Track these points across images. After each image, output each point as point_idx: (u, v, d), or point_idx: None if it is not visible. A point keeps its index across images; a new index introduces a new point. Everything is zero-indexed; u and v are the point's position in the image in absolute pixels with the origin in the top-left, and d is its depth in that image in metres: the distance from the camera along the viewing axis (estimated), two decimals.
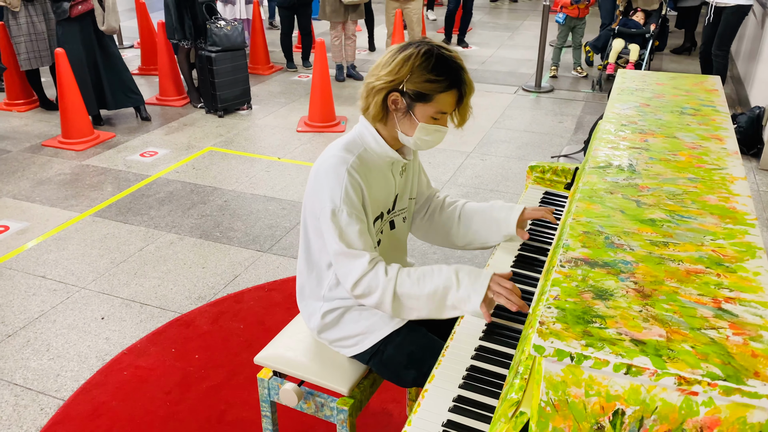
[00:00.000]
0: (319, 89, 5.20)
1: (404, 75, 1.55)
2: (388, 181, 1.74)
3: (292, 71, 6.93)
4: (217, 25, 5.24)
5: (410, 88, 1.56)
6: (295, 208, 3.97)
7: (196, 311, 3.00)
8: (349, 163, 1.62)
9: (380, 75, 1.59)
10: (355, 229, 1.60)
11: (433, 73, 1.54)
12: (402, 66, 1.55)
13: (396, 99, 1.59)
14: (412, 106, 1.58)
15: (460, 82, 1.57)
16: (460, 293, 1.55)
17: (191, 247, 3.53)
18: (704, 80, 2.07)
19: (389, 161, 1.71)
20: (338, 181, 1.60)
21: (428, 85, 1.55)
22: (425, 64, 1.54)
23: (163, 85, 5.85)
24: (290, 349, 1.94)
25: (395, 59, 1.57)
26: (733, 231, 1.15)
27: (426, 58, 1.54)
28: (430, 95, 1.56)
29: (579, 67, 6.87)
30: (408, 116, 1.60)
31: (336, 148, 1.68)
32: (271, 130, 5.32)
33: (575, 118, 5.61)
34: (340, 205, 1.59)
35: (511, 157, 4.73)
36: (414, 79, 1.54)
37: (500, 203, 1.94)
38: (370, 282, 1.59)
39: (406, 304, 1.60)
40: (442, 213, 1.96)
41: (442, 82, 1.55)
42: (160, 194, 4.16)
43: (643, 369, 0.82)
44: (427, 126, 1.60)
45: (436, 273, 1.59)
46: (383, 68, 1.59)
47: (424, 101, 1.57)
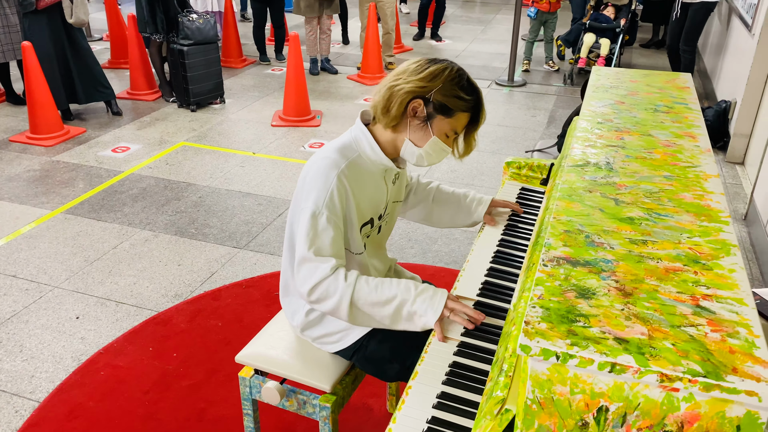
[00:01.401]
0: (294, 83, 5.17)
1: (436, 85, 1.56)
2: (379, 188, 1.74)
3: (265, 64, 6.88)
4: (189, 18, 5.17)
5: (437, 99, 1.57)
6: (272, 204, 3.95)
7: (173, 309, 2.97)
8: (340, 168, 1.62)
9: (411, 79, 1.59)
10: (330, 236, 1.60)
11: (463, 91, 1.58)
12: (435, 76, 1.57)
13: (417, 106, 1.60)
14: (432, 116, 1.60)
15: (480, 107, 1.63)
16: (416, 306, 1.58)
17: (166, 244, 3.50)
18: (676, 77, 2.12)
19: (382, 168, 1.72)
20: (326, 184, 1.61)
21: (455, 101, 1.58)
22: (458, 80, 1.58)
23: (134, 79, 5.76)
24: (271, 347, 1.94)
25: (428, 68, 1.59)
26: (708, 228, 1.18)
27: (459, 75, 1.59)
28: (453, 111, 1.59)
29: (551, 61, 6.94)
30: (424, 127, 1.61)
31: (330, 150, 1.68)
32: (244, 124, 5.28)
33: (548, 112, 5.68)
34: (322, 208, 1.60)
35: (485, 152, 4.77)
36: (443, 91, 1.57)
37: (471, 194, 2.07)
38: (328, 287, 1.59)
39: (362, 309, 1.61)
40: (417, 194, 2.04)
41: (468, 101, 1.59)
42: (133, 190, 4.10)
43: (627, 367, 0.84)
44: (438, 142, 1.63)
45: (394, 283, 1.61)
46: (414, 74, 1.59)
47: (445, 115, 1.59)
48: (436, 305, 1.57)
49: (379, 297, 1.59)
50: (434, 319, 1.57)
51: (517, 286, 1.50)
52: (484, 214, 2.03)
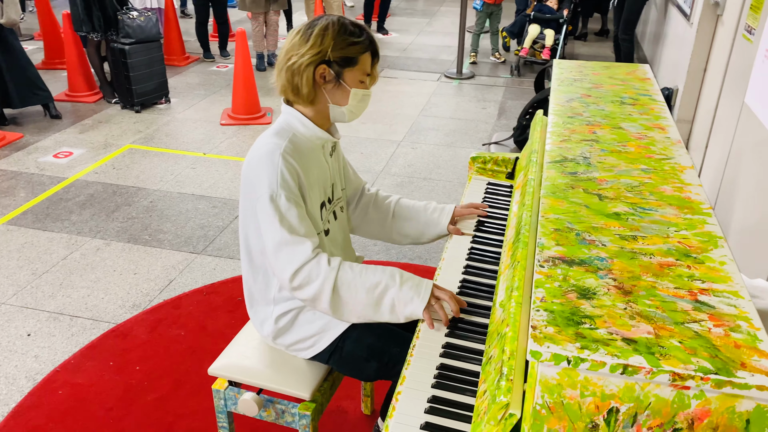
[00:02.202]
0: (242, 80, 5.05)
1: (328, 44, 1.57)
2: (322, 166, 1.73)
3: (209, 61, 6.70)
4: (130, 16, 4.98)
5: (336, 56, 1.58)
6: (227, 206, 3.85)
7: (132, 320, 2.86)
8: (281, 148, 1.59)
9: (302, 53, 1.58)
10: (295, 213, 1.57)
11: (353, 36, 1.59)
12: (323, 37, 1.58)
13: (324, 72, 1.60)
14: (341, 73, 1.61)
15: (374, 41, 1.64)
16: (402, 294, 1.56)
17: (120, 253, 3.36)
18: (636, 69, 2.15)
19: (320, 143, 1.70)
20: (273, 167, 1.57)
21: (352, 48, 1.59)
22: (343, 29, 1.59)
23: (72, 81, 5.52)
24: (245, 357, 1.88)
25: (312, 34, 1.59)
26: (693, 221, 1.19)
27: (342, 24, 1.59)
28: (355, 58, 1.60)
29: (497, 53, 7.01)
30: (339, 85, 1.62)
31: (265, 137, 1.66)
32: (192, 124, 5.13)
33: (497, 103, 5.73)
34: (278, 189, 1.56)
35: (440, 145, 4.78)
36: (338, 46, 1.58)
37: (433, 204, 2.00)
38: (311, 271, 1.55)
39: (344, 298, 1.58)
40: (377, 208, 1.99)
41: (363, 41, 1.60)
42: (80, 197, 3.93)
43: (639, 368, 0.84)
44: (358, 92, 1.64)
45: (379, 270, 1.60)
46: (302, 45, 1.59)
47: (352, 65, 1.60)
48: (423, 293, 1.55)
49: (364, 282, 1.56)
50: (421, 308, 1.55)
51: (500, 284, 1.50)
52: (447, 225, 1.95)
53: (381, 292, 1.58)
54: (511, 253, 1.47)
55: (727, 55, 3.83)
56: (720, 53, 4.07)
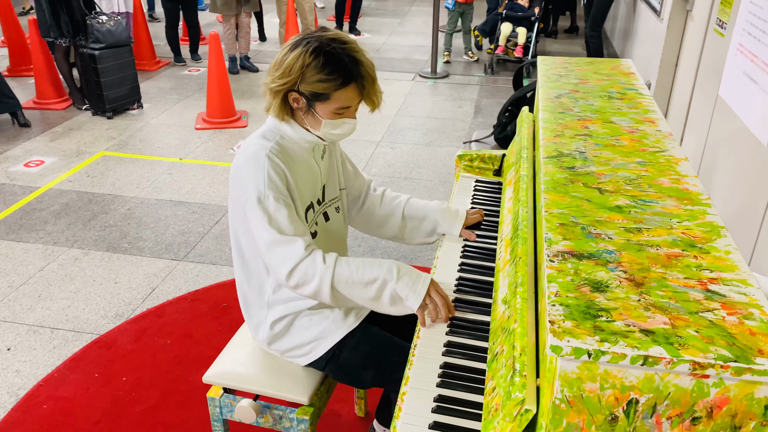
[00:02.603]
0: (216, 83, 4.99)
1: (296, 77, 1.50)
2: (312, 168, 1.69)
3: (180, 65, 6.61)
4: (99, 21, 4.88)
5: (305, 89, 1.52)
6: (207, 211, 3.80)
7: (116, 330, 2.80)
8: (267, 149, 1.57)
9: (275, 77, 1.53)
10: (284, 214, 1.54)
11: (324, 72, 1.49)
12: (292, 67, 1.50)
13: (296, 98, 1.56)
14: (311, 104, 1.55)
15: (355, 76, 1.51)
16: (399, 289, 1.55)
17: (99, 262, 3.29)
18: (619, 64, 2.18)
19: (309, 146, 1.67)
20: (259, 167, 1.55)
21: (322, 85, 1.50)
22: (314, 64, 1.48)
23: (40, 88, 5.39)
24: (240, 364, 1.85)
25: (286, 59, 1.52)
26: (694, 212, 1.21)
27: (314, 57, 1.48)
28: (326, 94, 1.52)
29: (470, 52, 7.05)
30: (310, 113, 1.58)
31: (252, 139, 1.63)
32: (167, 129, 5.06)
33: (473, 102, 5.76)
34: (265, 190, 1.53)
35: (419, 144, 4.78)
36: (307, 80, 1.50)
37: (444, 206, 1.95)
38: (306, 270, 1.53)
39: (343, 292, 1.57)
40: (383, 208, 1.94)
41: (335, 80, 1.50)
42: (54, 207, 3.83)
43: (659, 359, 0.84)
44: (332, 121, 1.58)
45: (376, 264, 1.58)
46: (277, 69, 1.54)
47: (322, 100, 1.53)
48: (419, 290, 1.54)
49: (361, 278, 1.55)
50: (416, 305, 1.54)
51: (499, 280, 1.50)
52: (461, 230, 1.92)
53: (379, 287, 1.56)
54: (511, 249, 1.47)
55: (699, 49, 3.91)
56: (691, 48, 4.15)
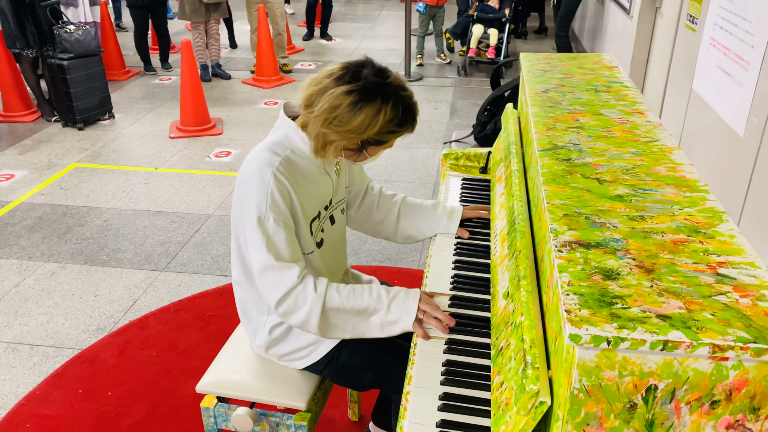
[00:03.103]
0: (190, 91, 4.93)
1: (372, 132, 1.46)
2: (322, 181, 1.66)
3: (151, 74, 6.52)
4: (67, 30, 4.79)
5: (372, 137, 1.49)
6: (186, 220, 3.74)
7: (98, 344, 2.73)
8: (275, 166, 1.52)
9: (344, 131, 1.46)
10: (283, 237, 1.52)
11: (399, 126, 1.49)
12: (371, 124, 1.45)
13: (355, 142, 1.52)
14: (366, 147, 1.53)
15: (415, 124, 1.53)
16: (391, 314, 1.53)
17: (77, 275, 3.21)
18: (601, 58, 2.20)
19: (321, 161, 1.64)
20: (263, 186, 1.51)
21: (390, 135, 1.51)
22: (393, 116, 1.46)
23: (6, 100, 5.25)
24: (234, 372, 1.82)
25: (363, 109, 1.44)
26: (693, 198, 1.21)
27: (394, 111, 1.46)
28: (387, 141, 1.53)
29: (442, 54, 7.08)
30: (359, 154, 1.56)
31: (260, 150, 1.58)
32: (140, 138, 4.97)
33: (448, 103, 5.78)
34: (267, 211, 1.50)
35: (396, 147, 4.77)
36: (381, 132, 1.48)
37: (441, 205, 1.94)
38: (297, 298, 1.51)
39: (333, 321, 1.55)
40: (380, 207, 1.92)
41: (404, 130, 1.51)
42: (27, 221, 3.73)
43: (679, 343, 0.84)
44: (373, 158, 1.59)
45: (366, 291, 1.55)
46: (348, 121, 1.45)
47: (379, 145, 1.53)
48: (410, 308, 1.53)
49: (352, 306, 1.52)
50: (410, 322, 1.53)
51: (498, 275, 1.49)
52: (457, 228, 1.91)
53: (370, 317, 1.55)
54: (509, 244, 1.47)
55: (670, 45, 3.97)
56: (662, 44, 4.22)
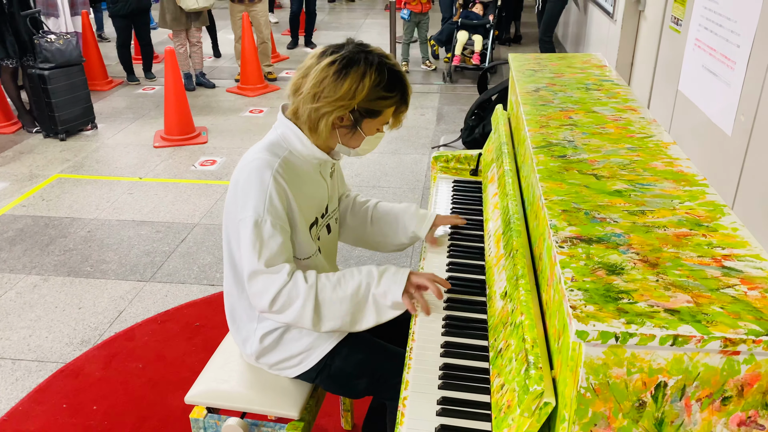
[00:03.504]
0: (174, 100, 4.87)
1: (360, 98, 1.44)
2: (318, 184, 1.64)
3: (134, 84, 6.45)
4: (47, 40, 4.72)
5: (362, 107, 1.47)
6: (171, 230, 3.68)
7: (83, 357, 2.66)
8: (274, 168, 1.49)
9: (332, 99, 1.45)
10: (278, 242, 1.48)
11: (386, 90, 1.47)
12: (357, 89, 1.43)
13: (343, 117, 1.49)
14: (360, 121, 1.50)
15: (406, 96, 1.53)
16: (381, 287, 1.51)
17: (60, 287, 3.14)
18: (591, 57, 2.19)
19: (317, 163, 1.61)
20: (262, 188, 1.48)
21: (380, 102, 1.48)
22: (379, 82, 1.45)
23: None
24: (224, 381, 1.77)
25: (347, 77, 1.43)
26: (693, 192, 1.19)
27: (379, 74, 1.45)
28: (379, 111, 1.50)
29: (428, 61, 7.08)
30: (354, 131, 1.52)
31: (258, 151, 1.54)
32: (124, 148, 4.90)
33: (435, 109, 5.77)
34: (264, 215, 1.47)
35: (384, 153, 4.75)
36: (368, 98, 1.46)
37: (413, 208, 1.89)
38: (289, 293, 1.48)
39: (327, 309, 1.51)
40: (355, 214, 1.89)
41: (392, 97, 1.49)
42: (8, 233, 3.65)
43: (690, 337, 0.81)
44: (372, 137, 1.56)
45: (355, 273, 1.54)
46: (334, 90, 1.44)
47: (373, 117, 1.50)
48: (400, 279, 1.50)
49: (345, 290, 1.50)
50: (400, 291, 1.49)
51: (493, 275, 1.46)
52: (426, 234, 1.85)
53: (363, 294, 1.52)
54: (504, 243, 1.44)
55: (655, 47, 3.99)
56: (647, 47, 4.24)
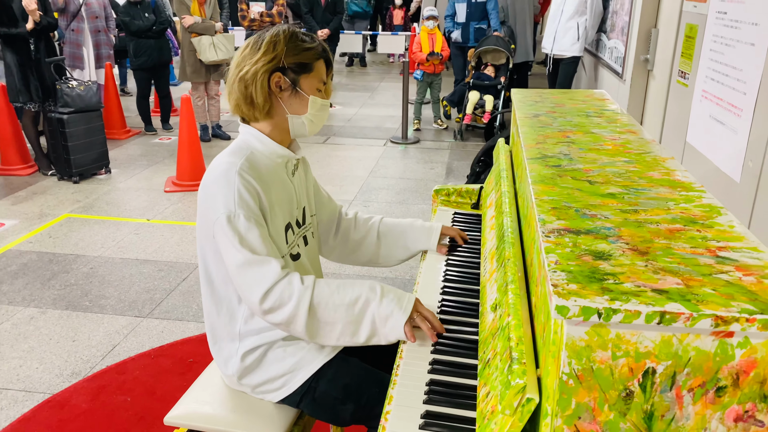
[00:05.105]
0: (188, 146, 4.94)
1: (281, 50, 1.52)
2: (285, 184, 1.62)
3: (151, 134, 6.58)
4: (69, 85, 4.85)
5: (290, 62, 1.53)
6: (174, 269, 3.65)
7: (71, 389, 2.59)
8: (238, 166, 1.49)
9: (254, 60, 1.52)
10: (256, 234, 1.45)
11: (306, 42, 1.55)
12: (275, 44, 1.53)
13: (279, 80, 1.53)
14: (297, 80, 1.54)
15: (325, 48, 1.60)
16: (382, 308, 1.45)
17: (56, 320, 3.09)
18: (593, 93, 2.18)
19: (281, 161, 1.60)
20: (229, 186, 1.46)
21: (306, 54, 1.54)
22: (295, 36, 1.55)
23: (5, 154, 5.27)
24: (205, 404, 1.69)
25: (263, 41, 1.54)
26: (690, 196, 1.15)
27: (293, 32, 1.56)
28: (310, 64, 1.55)
29: (439, 120, 7.18)
30: (296, 93, 1.55)
31: (221, 157, 1.56)
32: (135, 192, 4.95)
33: (444, 164, 5.80)
34: (236, 209, 1.45)
35: (392, 202, 4.75)
36: (291, 52, 1.53)
37: (419, 222, 1.91)
38: (283, 291, 1.43)
39: (322, 318, 1.46)
40: (357, 231, 1.87)
41: (315, 48, 1.56)
42: (11, 267, 3.64)
43: (678, 315, 0.76)
44: (316, 99, 1.57)
45: (357, 283, 1.49)
46: (254, 53, 1.53)
47: (307, 71, 1.55)
48: (405, 305, 1.45)
49: (342, 298, 1.44)
50: (403, 321, 1.43)
51: (486, 292, 1.40)
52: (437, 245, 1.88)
53: (361, 308, 1.46)
54: (497, 257, 1.39)
55: (663, 102, 4.01)
56: (655, 102, 4.26)
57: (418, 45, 6.74)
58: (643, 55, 4.55)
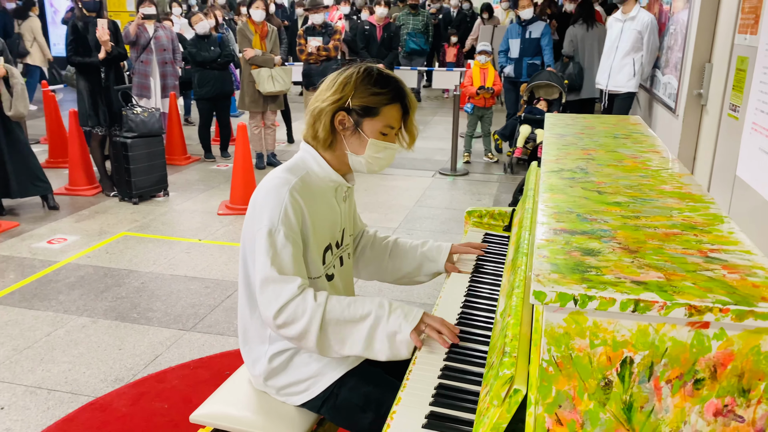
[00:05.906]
0: (242, 171, 5.13)
1: (349, 92, 1.55)
2: (332, 208, 1.68)
3: (210, 161, 6.85)
4: (134, 112, 5.15)
5: (356, 104, 1.56)
6: (220, 287, 3.77)
7: (113, 393, 2.70)
8: (291, 184, 1.56)
9: (325, 97, 1.58)
10: (289, 252, 1.52)
11: (377, 86, 1.56)
12: (345, 84, 1.57)
13: (343, 118, 1.58)
14: (359, 122, 1.58)
15: (402, 94, 1.60)
16: (392, 322, 1.49)
17: (106, 330, 3.24)
18: (627, 118, 2.19)
19: (333, 186, 1.66)
20: (278, 201, 1.54)
21: (373, 98, 1.56)
22: (367, 79, 1.57)
23: (73, 175, 5.59)
24: (230, 404, 1.76)
25: (337, 80, 1.59)
26: (696, 206, 1.16)
27: (367, 74, 1.58)
28: (376, 108, 1.57)
29: (490, 153, 7.20)
30: (357, 134, 1.59)
31: (278, 171, 1.63)
32: (189, 214, 5.15)
33: (492, 196, 5.80)
34: (278, 225, 1.52)
35: (436, 232, 4.78)
36: (359, 95, 1.55)
37: (429, 243, 1.95)
38: (296, 308, 1.48)
39: (333, 333, 1.51)
40: (374, 248, 1.94)
41: (386, 94, 1.57)
42: (70, 279, 3.85)
43: (652, 303, 0.77)
44: (377, 142, 1.59)
45: (367, 300, 1.54)
46: (326, 91, 1.60)
47: (371, 115, 1.57)
48: (412, 318, 1.49)
49: (353, 314, 1.48)
50: (409, 330, 1.47)
51: (502, 301, 1.43)
52: (445, 263, 1.92)
53: (372, 324, 1.51)
54: (512, 267, 1.42)
55: (714, 136, 3.93)
56: (707, 137, 4.18)
57: (469, 79, 6.82)
58: (696, 89, 4.49)
